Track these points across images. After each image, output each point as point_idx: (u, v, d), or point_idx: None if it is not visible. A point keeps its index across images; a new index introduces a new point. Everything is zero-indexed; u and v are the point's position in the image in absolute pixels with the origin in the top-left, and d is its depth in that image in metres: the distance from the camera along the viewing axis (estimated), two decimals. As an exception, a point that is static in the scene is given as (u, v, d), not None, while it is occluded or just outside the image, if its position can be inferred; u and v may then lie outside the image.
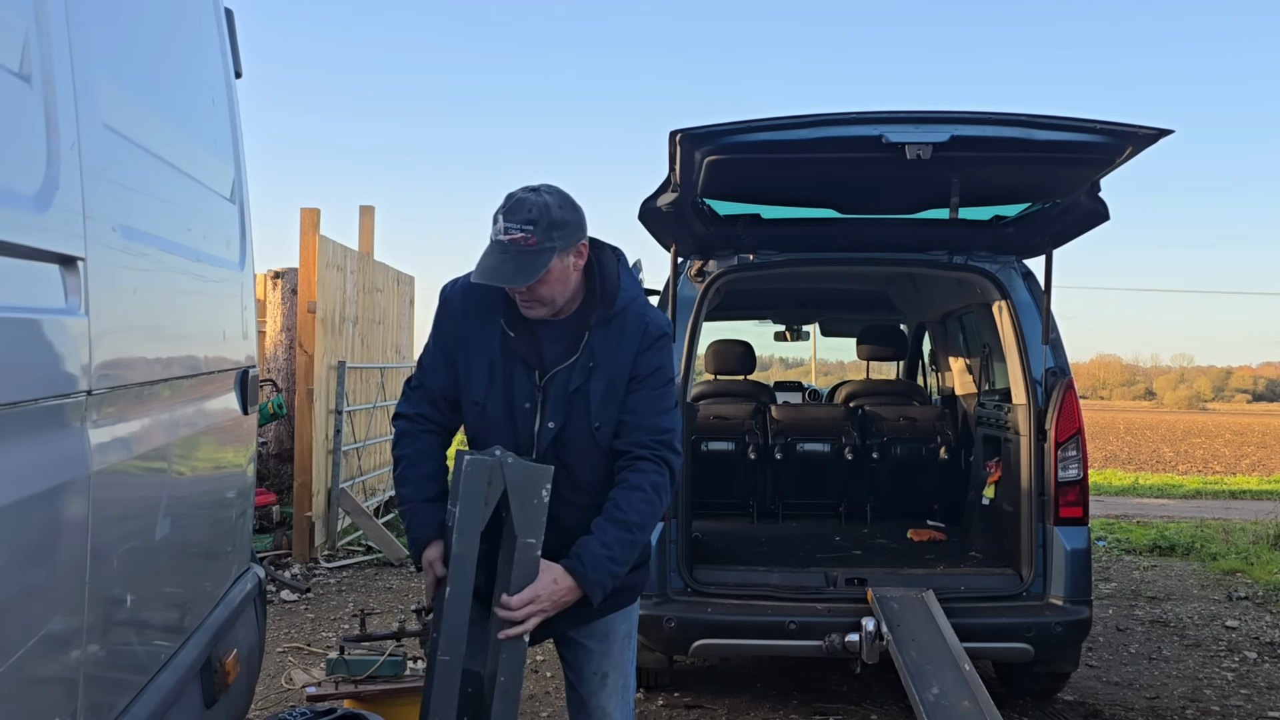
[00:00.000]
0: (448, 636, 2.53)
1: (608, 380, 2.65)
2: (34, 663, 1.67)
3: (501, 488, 2.51)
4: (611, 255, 2.75)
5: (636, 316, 2.70)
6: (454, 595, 2.52)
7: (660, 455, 2.66)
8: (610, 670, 2.84)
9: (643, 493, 2.61)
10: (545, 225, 2.50)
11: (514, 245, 2.49)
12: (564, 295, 2.62)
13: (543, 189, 2.57)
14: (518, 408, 2.66)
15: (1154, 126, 3.80)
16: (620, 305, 2.68)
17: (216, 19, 3.09)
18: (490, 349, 2.67)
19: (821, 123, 4.04)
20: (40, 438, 1.72)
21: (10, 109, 1.67)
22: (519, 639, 2.55)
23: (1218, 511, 12.78)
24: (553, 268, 2.53)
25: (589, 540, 2.57)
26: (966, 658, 4.18)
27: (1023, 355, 4.92)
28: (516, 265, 2.50)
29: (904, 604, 4.47)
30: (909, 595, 4.53)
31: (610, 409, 2.66)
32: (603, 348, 2.66)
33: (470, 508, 2.51)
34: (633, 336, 2.68)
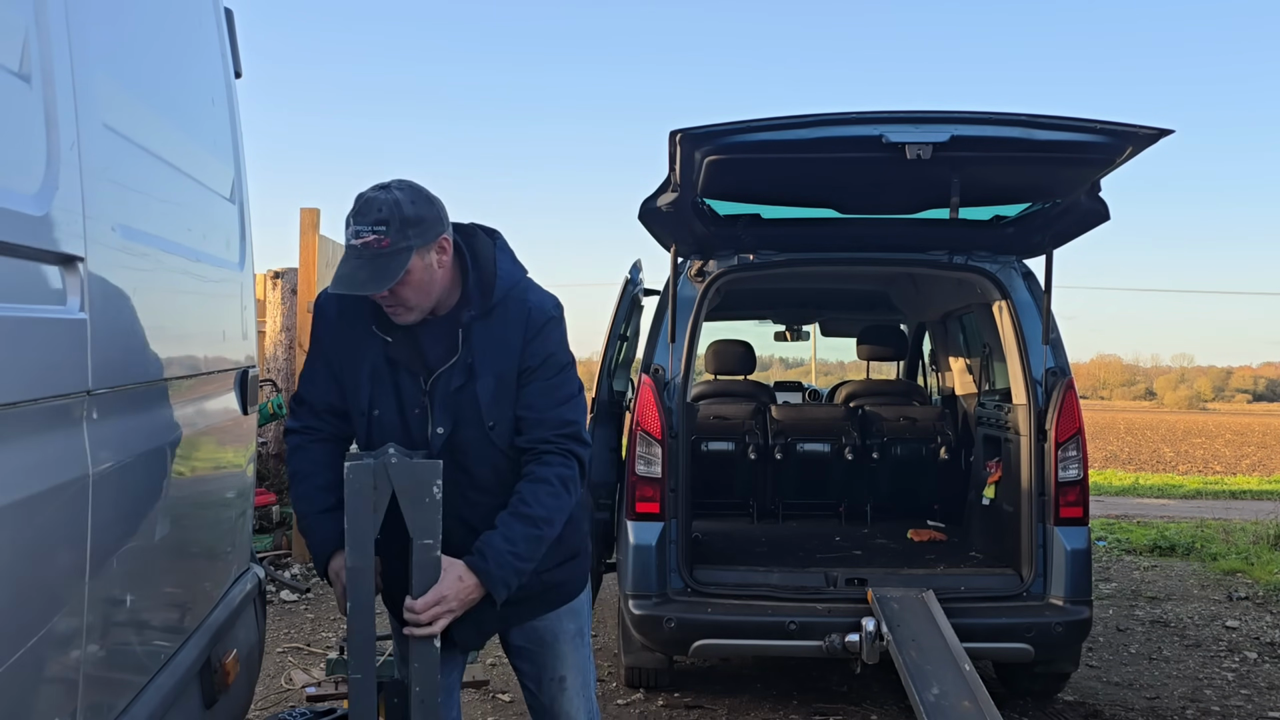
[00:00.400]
0: (356, 652, 2.44)
1: (495, 376, 2.52)
2: (34, 663, 1.67)
3: (389, 490, 2.39)
4: (487, 240, 2.60)
5: (518, 303, 2.55)
6: (355, 609, 2.43)
7: (567, 449, 2.54)
8: (567, 673, 2.78)
9: (549, 485, 2.51)
10: (398, 224, 2.35)
11: (367, 249, 2.35)
12: (431, 296, 2.47)
13: (393, 185, 2.42)
14: (409, 414, 2.54)
15: (1154, 126, 3.81)
16: (499, 294, 2.53)
17: (216, 19, 3.09)
18: (372, 356, 2.55)
19: (821, 123, 4.04)
20: (40, 438, 1.72)
21: (10, 109, 1.67)
22: (429, 645, 2.45)
23: (1218, 511, 12.78)
24: (412, 268, 2.38)
25: (492, 535, 2.47)
26: (967, 658, 4.17)
27: (1023, 355, 4.92)
28: (372, 270, 2.35)
29: (904, 604, 4.47)
30: (909, 595, 4.53)
31: (503, 406, 2.53)
32: (484, 343, 2.52)
33: (358, 516, 2.40)
34: (516, 325, 2.53)
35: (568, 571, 2.76)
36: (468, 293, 2.53)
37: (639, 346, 5.64)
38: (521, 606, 2.68)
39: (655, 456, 4.68)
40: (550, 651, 2.77)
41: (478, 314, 2.52)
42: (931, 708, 3.93)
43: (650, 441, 4.68)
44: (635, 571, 4.66)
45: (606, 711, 4.99)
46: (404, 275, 2.38)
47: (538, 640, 2.76)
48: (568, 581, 2.76)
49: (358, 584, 2.42)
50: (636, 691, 5.22)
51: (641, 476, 4.69)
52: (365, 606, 2.44)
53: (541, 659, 2.77)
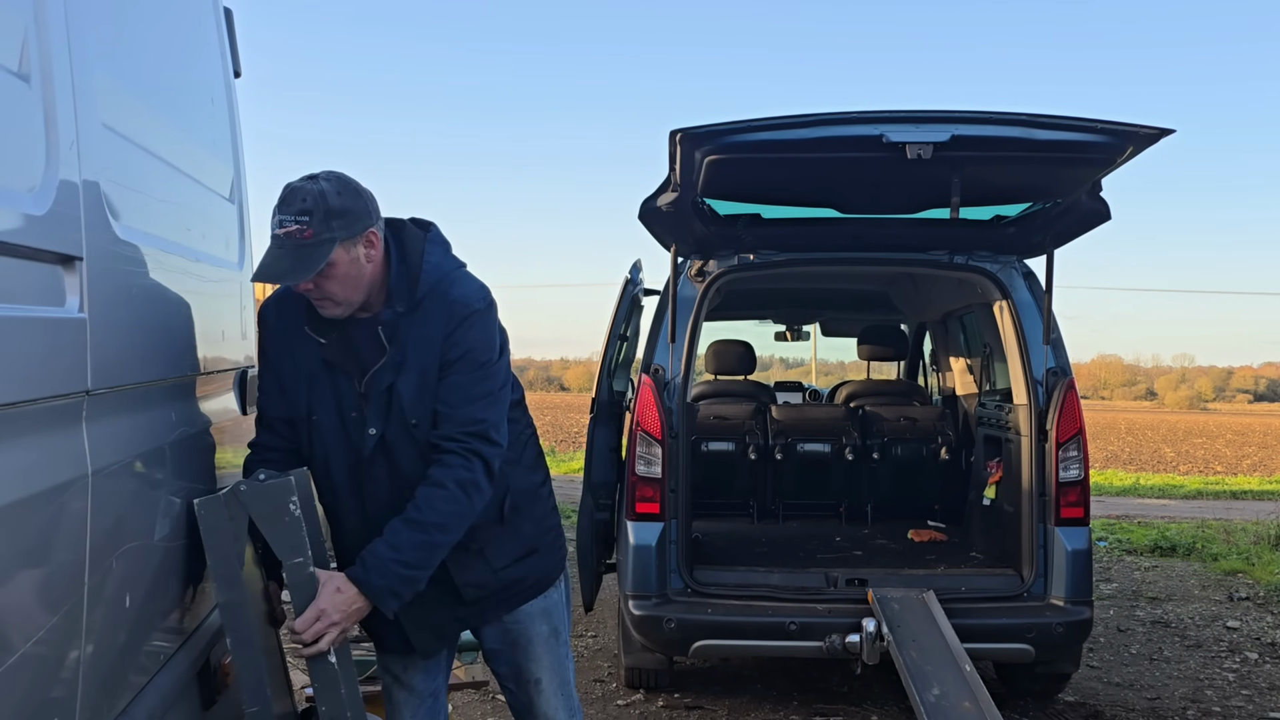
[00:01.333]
0: (247, 688, 2.41)
1: (419, 373, 2.46)
2: (34, 663, 1.67)
3: (245, 517, 2.38)
4: (418, 233, 2.55)
5: (441, 297, 2.48)
6: (236, 644, 2.40)
7: (471, 448, 2.46)
8: (542, 675, 2.77)
9: (444, 490, 2.43)
10: (322, 215, 2.32)
11: (289, 239, 2.32)
12: (360, 290, 2.43)
13: (321, 176, 2.38)
14: (347, 418, 2.51)
15: (1155, 126, 3.81)
16: (425, 288, 2.47)
17: (216, 19, 3.09)
18: (309, 361, 2.52)
19: (822, 122, 4.04)
20: (40, 438, 1.72)
21: (9, 109, 1.66)
22: (324, 663, 2.40)
23: (1219, 512, 12.77)
24: (337, 261, 2.35)
25: (377, 543, 2.42)
26: (967, 658, 4.17)
27: (1024, 355, 4.91)
28: (293, 260, 2.32)
29: (904, 604, 4.47)
30: (909, 596, 4.52)
31: (426, 404, 2.47)
32: (410, 338, 2.46)
33: (219, 550, 2.37)
34: (439, 319, 2.46)
35: (526, 568, 2.71)
36: (392, 288, 2.48)
37: (639, 346, 5.64)
38: (478, 606, 2.65)
39: (655, 456, 4.68)
40: (524, 654, 2.75)
41: (404, 310, 2.47)
42: (932, 708, 3.93)
43: (650, 441, 4.68)
44: (635, 572, 4.66)
45: (606, 712, 4.99)
46: (327, 268, 2.34)
47: (511, 643, 2.75)
48: (526, 578, 2.72)
49: (234, 618, 2.39)
50: (636, 692, 5.21)
51: (641, 477, 4.69)
52: (247, 640, 2.41)
53: (516, 661, 2.77)
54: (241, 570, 2.42)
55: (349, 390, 2.51)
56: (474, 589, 2.60)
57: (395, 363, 2.47)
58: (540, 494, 2.78)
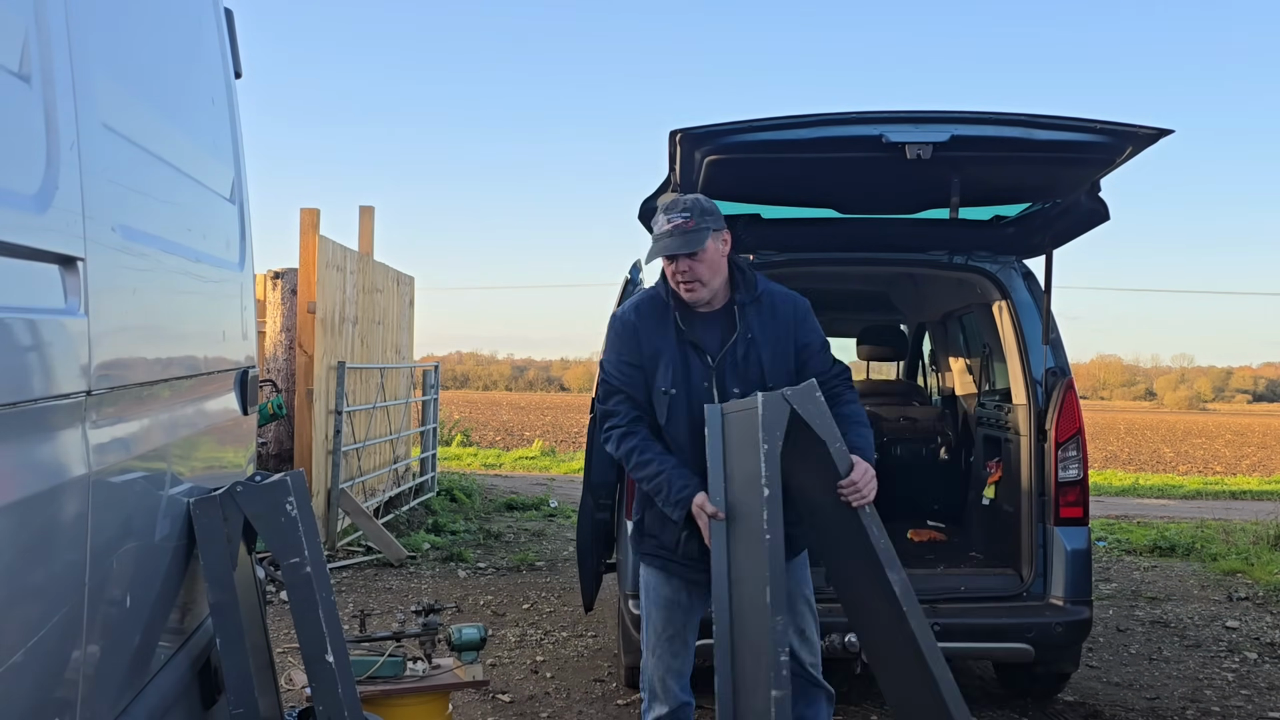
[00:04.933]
0: (233, 689, 2.44)
1: (772, 346, 3.25)
2: (34, 663, 1.67)
3: (240, 518, 2.41)
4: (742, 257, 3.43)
5: (782, 295, 3.36)
6: (225, 645, 2.42)
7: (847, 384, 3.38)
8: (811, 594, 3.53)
9: (856, 404, 3.34)
10: (699, 212, 3.19)
11: (677, 229, 3.15)
12: (717, 277, 3.23)
13: (689, 193, 3.34)
14: (696, 388, 3.22)
15: (1154, 126, 3.81)
16: (761, 288, 3.33)
17: (216, 19, 3.09)
18: (669, 346, 3.25)
19: (821, 122, 4.04)
20: (40, 438, 1.72)
21: (10, 109, 1.66)
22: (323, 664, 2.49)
23: (1218, 512, 12.78)
24: (708, 245, 3.16)
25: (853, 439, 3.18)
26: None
27: (1023, 355, 4.91)
28: (683, 240, 3.14)
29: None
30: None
31: (779, 372, 3.22)
32: (759, 322, 3.26)
33: (214, 550, 2.41)
34: (785, 310, 3.31)
35: None
36: (737, 284, 3.31)
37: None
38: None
39: (655, 457, 4.68)
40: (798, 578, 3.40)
41: (747, 300, 3.28)
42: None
43: (650, 442, 4.68)
44: (635, 572, 4.65)
45: (606, 712, 4.99)
46: (700, 251, 3.16)
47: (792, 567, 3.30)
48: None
49: (224, 618, 2.42)
50: (636, 692, 5.21)
51: (641, 477, 4.68)
52: (236, 641, 2.44)
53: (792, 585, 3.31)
54: (234, 571, 2.43)
55: (700, 366, 3.24)
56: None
57: (746, 338, 3.24)
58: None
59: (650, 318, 3.31)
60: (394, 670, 4.01)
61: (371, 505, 9.47)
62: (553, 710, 4.98)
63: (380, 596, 7.22)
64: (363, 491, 9.47)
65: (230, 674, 2.44)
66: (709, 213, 3.21)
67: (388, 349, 10.70)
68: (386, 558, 8.29)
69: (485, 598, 7.24)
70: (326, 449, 8.53)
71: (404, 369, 11.46)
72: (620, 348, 3.32)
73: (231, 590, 2.42)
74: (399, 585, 7.61)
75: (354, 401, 9.19)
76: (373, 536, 8.58)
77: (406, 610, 4.29)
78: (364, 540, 8.75)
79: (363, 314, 9.61)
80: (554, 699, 5.12)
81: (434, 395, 12.29)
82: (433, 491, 11.53)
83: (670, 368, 3.24)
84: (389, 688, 3.94)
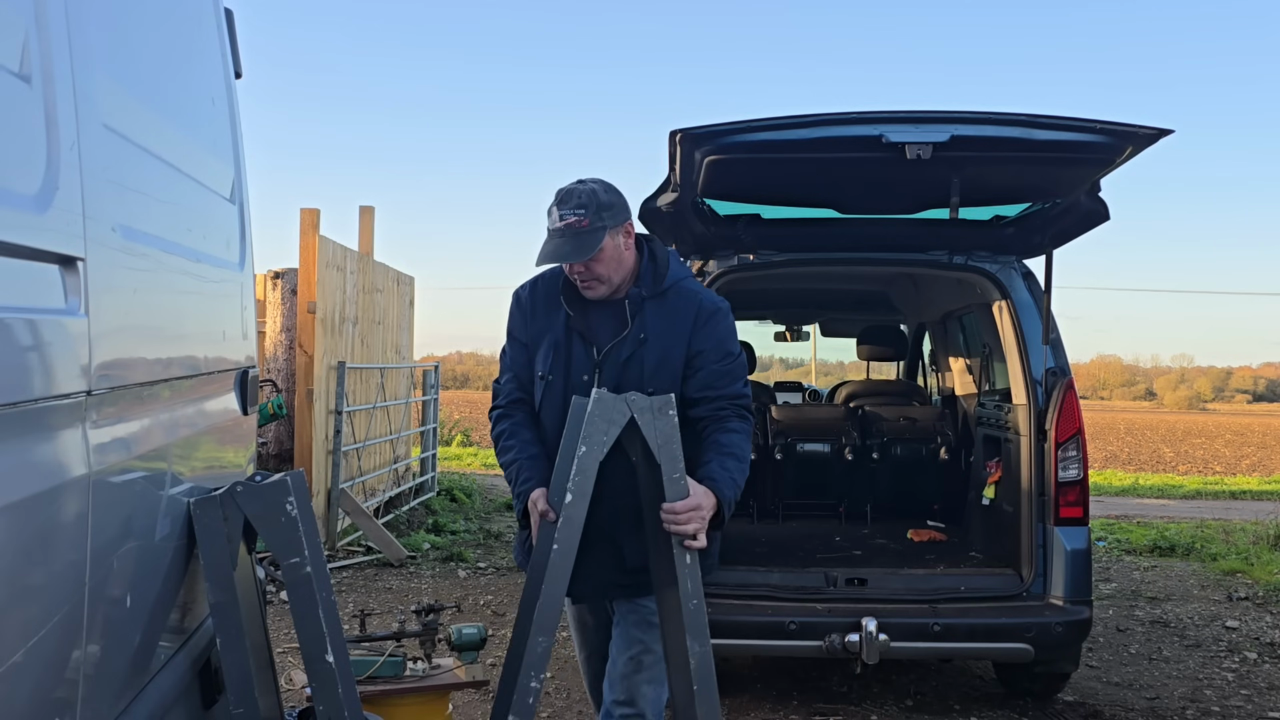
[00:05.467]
0: (233, 689, 2.43)
1: (661, 350, 2.93)
2: (34, 663, 1.67)
3: (240, 518, 2.41)
4: (662, 244, 3.09)
5: (689, 293, 3.00)
6: (225, 645, 2.42)
7: (740, 413, 2.96)
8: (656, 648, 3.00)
9: (741, 434, 2.93)
10: (595, 208, 2.84)
11: (569, 229, 2.83)
12: (619, 273, 2.93)
13: (587, 180, 2.92)
14: (576, 379, 2.96)
15: (1154, 126, 3.81)
16: (670, 280, 2.99)
17: (216, 19, 3.09)
18: (556, 330, 3.00)
19: (821, 122, 4.04)
20: (40, 438, 1.72)
21: (10, 109, 1.66)
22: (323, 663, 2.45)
23: (1218, 512, 12.77)
24: (605, 245, 2.85)
25: (712, 468, 2.82)
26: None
27: (1023, 355, 4.91)
28: (575, 244, 2.83)
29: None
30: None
31: (662, 378, 2.90)
32: (654, 320, 2.94)
33: (214, 549, 2.40)
34: (686, 310, 2.96)
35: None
36: (642, 276, 2.99)
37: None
38: (634, 575, 2.96)
39: (655, 457, 4.68)
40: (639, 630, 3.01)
41: (649, 294, 2.96)
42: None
43: (650, 442, 4.68)
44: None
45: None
46: (599, 251, 2.84)
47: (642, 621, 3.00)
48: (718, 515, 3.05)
49: (224, 618, 2.41)
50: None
51: (641, 477, 4.68)
52: (236, 641, 2.43)
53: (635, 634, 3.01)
54: (234, 571, 2.43)
55: (584, 357, 2.98)
56: (636, 556, 2.93)
57: (637, 337, 2.94)
58: None
59: (545, 297, 3.05)
60: (394, 670, 4.00)
61: (371, 505, 9.47)
62: (553, 710, 4.98)
63: (380, 596, 7.22)
64: (363, 491, 9.47)
65: (230, 674, 2.44)
66: (607, 207, 2.86)
67: (388, 349, 10.70)
68: (386, 558, 8.29)
69: (485, 598, 7.24)
70: (326, 449, 8.53)
71: (404, 369, 11.46)
72: (512, 324, 3.12)
73: (231, 590, 2.42)
74: (399, 585, 7.61)
75: (354, 401, 9.18)
76: (373, 536, 8.58)
77: (406, 610, 4.29)
78: (364, 540, 8.75)
79: (363, 314, 9.61)
80: (554, 699, 5.12)
81: (434, 395, 12.30)
82: (433, 491, 11.54)
83: (552, 353, 2.99)
84: (389, 688, 3.93)
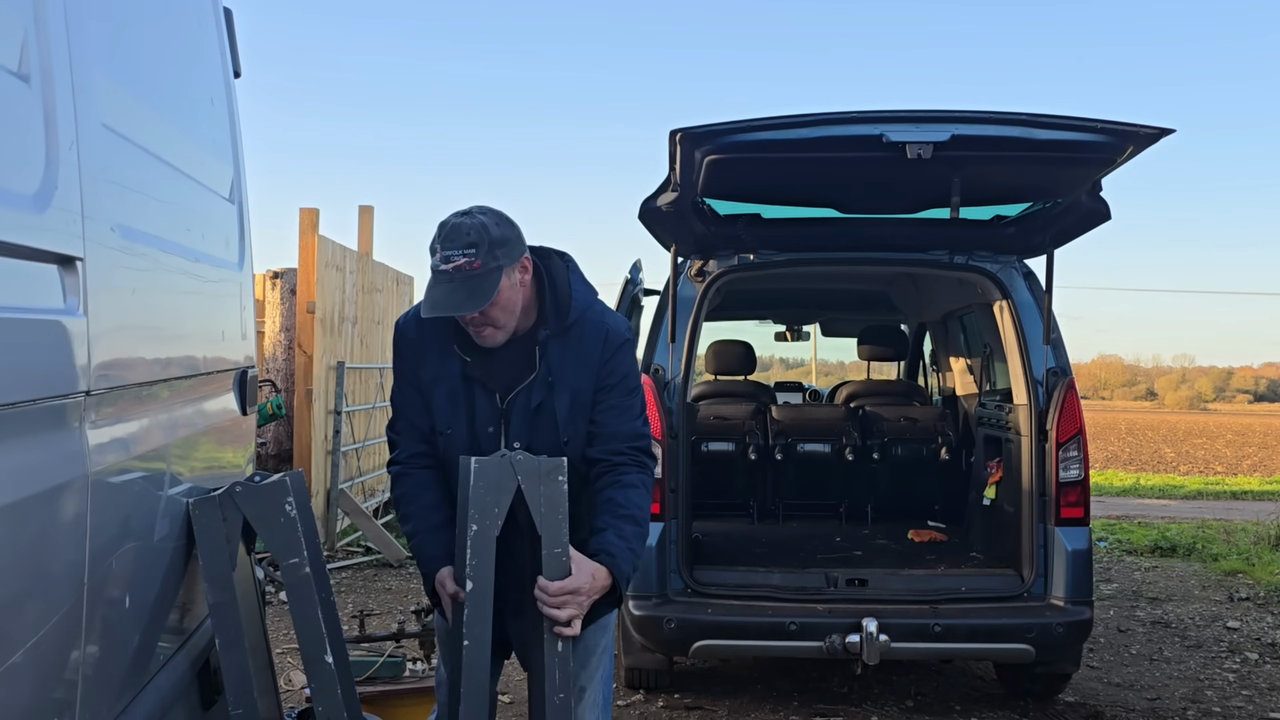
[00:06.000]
0: (232, 690, 2.43)
1: (571, 393, 2.59)
2: (34, 663, 1.67)
3: (239, 519, 2.41)
4: (560, 262, 2.68)
5: (595, 324, 2.64)
6: (224, 646, 2.41)
7: (639, 460, 2.63)
8: (589, 684, 2.80)
9: (639, 490, 2.59)
10: (487, 246, 2.45)
11: (459, 272, 2.44)
12: (515, 315, 2.56)
13: (474, 210, 2.52)
14: (480, 432, 2.60)
15: (1155, 126, 3.80)
16: (575, 314, 2.61)
17: (216, 19, 3.09)
18: (450, 376, 2.62)
19: (822, 122, 4.04)
20: (39, 438, 1.71)
21: (9, 109, 1.66)
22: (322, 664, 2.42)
23: (1219, 512, 12.77)
24: (501, 288, 2.47)
25: (608, 537, 2.50)
26: None
27: (1024, 355, 4.91)
28: (467, 291, 2.44)
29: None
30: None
31: (578, 422, 2.60)
32: (561, 360, 2.59)
33: (213, 551, 2.40)
34: (593, 344, 2.61)
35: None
36: (544, 312, 2.61)
37: (639, 347, 5.64)
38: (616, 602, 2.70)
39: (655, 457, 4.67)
40: (580, 662, 2.76)
41: (554, 332, 2.60)
42: None
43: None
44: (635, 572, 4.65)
45: (607, 712, 4.98)
46: (495, 295, 2.46)
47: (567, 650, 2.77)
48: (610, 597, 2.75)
49: (224, 619, 2.41)
50: (636, 692, 5.21)
51: (642, 477, 4.68)
52: (235, 642, 2.42)
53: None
54: (233, 572, 2.43)
55: (487, 406, 2.61)
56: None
57: (545, 381, 2.58)
58: None
59: (435, 338, 2.63)
60: (393, 670, 4.01)
61: (371, 505, 9.47)
62: None
63: (380, 596, 7.22)
64: (362, 491, 9.47)
65: (230, 674, 2.44)
66: (500, 243, 2.47)
67: (387, 349, 10.67)
68: (386, 558, 8.28)
69: (485, 598, 7.22)
70: (326, 449, 8.53)
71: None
72: (400, 365, 2.72)
73: (231, 590, 2.42)
74: (399, 585, 7.60)
75: (353, 401, 9.18)
76: (372, 537, 8.58)
77: (406, 611, 4.29)
78: (363, 540, 8.75)
79: (362, 314, 9.61)
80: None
81: (434, 395, 12.27)
82: (433, 492, 11.52)
83: (451, 402, 2.62)
84: (389, 688, 3.94)
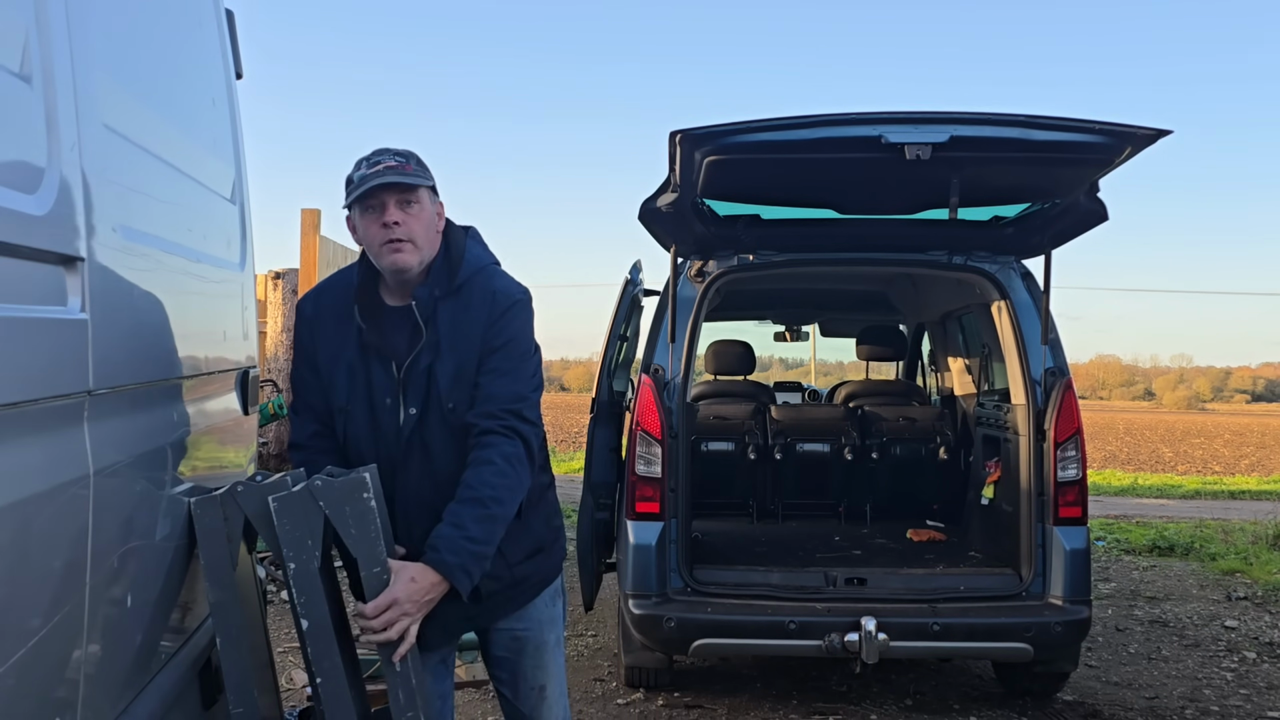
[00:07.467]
0: (232, 689, 2.41)
1: (456, 358, 2.54)
2: (34, 663, 1.67)
3: (240, 518, 2.40)
4: (459, 230, 2.69)
5: (483, 287, 2.59)
6: (224, 644, 2.42)
7: (510, 425, 2.51)
8: (547, 682, 2.81)
9: (492, 465, 2.46)
10: (417, 161, 2.55)
11: (391, 171, 2.49)
12: (430, 244, 2.56)
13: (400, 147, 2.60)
14: (378, 404, 2.56)
15: (1152, 127, 3.81)
16: (464, 275, 2.59)
17: (217, 20, 3.10)
18: (348, 349, 2.59)
19: (821, 123, 4.04)
20: (40, 438, 1.72)
21: (10, 109, 1.67)
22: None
23: (1217, 512, 12.78)
24: (424, 203, 2.54)
25: (440, 527, 2.42)
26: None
27: (1022, 355, 4.92)
28: (399, 175, 2.49)
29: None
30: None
31: (462, 388, 2.53)
32: (447, 323, 2.55)
33: (213, 550, 2.39)
34: (480, 307, 2.57)
35: (534, 565, 2.74)
36: (435, 272, 2.59)
37: (639, 347, 5.65)
38: (490, 603, 2.64)
39: (655, 456, 4.69)
40: (533, 661, 2.78)
41: (442, 294, 2.57)
42: None
43: (650, 441, 4.69)
44: (635, 571, 4.66)
45: (606, 711, 4.99)
46: (416, 205, 2.52)
47: (519, 650, 2.78)
48: (532, 575, 2.74)
49: (224, 618, 2.41)
50: (636, 691, 5.22)
51: (641, 476, 4.69)
52: (235, 640, 2.43)
53: (522, 668, 2.79)
54: (234, 571, 2.43)
55: (384, 377, 2.57)
56: (489, 581, 2.58)
57: (432, 344, 2.55)
58: (547, 496, 2.82)
59: (333, 310, 2.64)
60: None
61: (371, 505, 9.44)
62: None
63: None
64: (362, 491, 9.44)
65: (230, 674, 2.44)
66: (426, 169, 2.57)
67: (387, 349, 10.68)
68: (386, 557, 8.27)
69: (485, 597, 7.23)
70: (326, 449, 8.51)
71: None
72: (299, 343, 2.68)
73: (231, 590, 2.42)
74: (399, 585, 7.59)
75: (354, 401, 9.16)
76: (372, 536, 8.56)
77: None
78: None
79: (362, 314, 9.59)
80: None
81: (433, 395, 12.28)
82: (432, 491, 11.51)
83: (350, 378, 2.58)
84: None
